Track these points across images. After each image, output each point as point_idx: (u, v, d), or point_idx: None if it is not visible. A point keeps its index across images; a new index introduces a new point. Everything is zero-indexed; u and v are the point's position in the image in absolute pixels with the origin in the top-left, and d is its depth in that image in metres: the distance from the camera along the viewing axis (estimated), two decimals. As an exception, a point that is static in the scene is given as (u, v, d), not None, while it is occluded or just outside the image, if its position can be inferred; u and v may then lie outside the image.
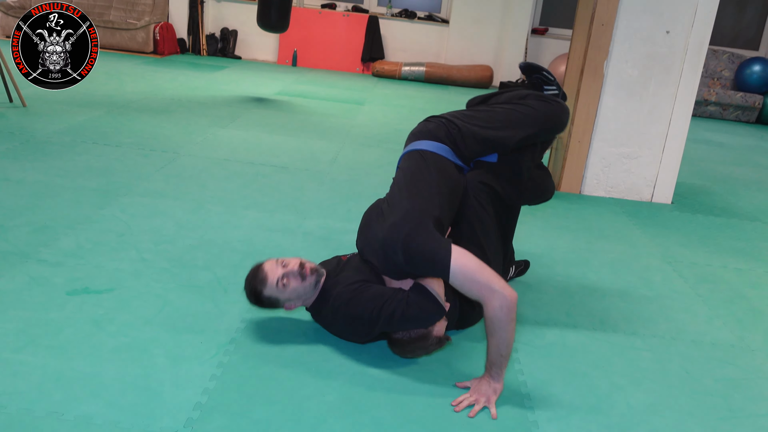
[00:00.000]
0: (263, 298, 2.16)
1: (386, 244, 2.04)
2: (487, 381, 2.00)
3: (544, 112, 2.40)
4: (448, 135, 2.33)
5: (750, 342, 2.56)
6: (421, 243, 1.99)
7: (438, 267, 1.97)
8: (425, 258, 1.98)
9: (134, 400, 1.81)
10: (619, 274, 3.08)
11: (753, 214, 4.32)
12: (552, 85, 2.59)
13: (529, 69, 2.65)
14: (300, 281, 2.14)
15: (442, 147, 2.31)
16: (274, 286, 2.13)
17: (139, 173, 3.77)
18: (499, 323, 1.92)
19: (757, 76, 8.49)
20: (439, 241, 2.00)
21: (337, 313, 2.14)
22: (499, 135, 2.33)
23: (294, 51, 9.28)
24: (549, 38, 9.46)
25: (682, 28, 4.01)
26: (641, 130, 4.19)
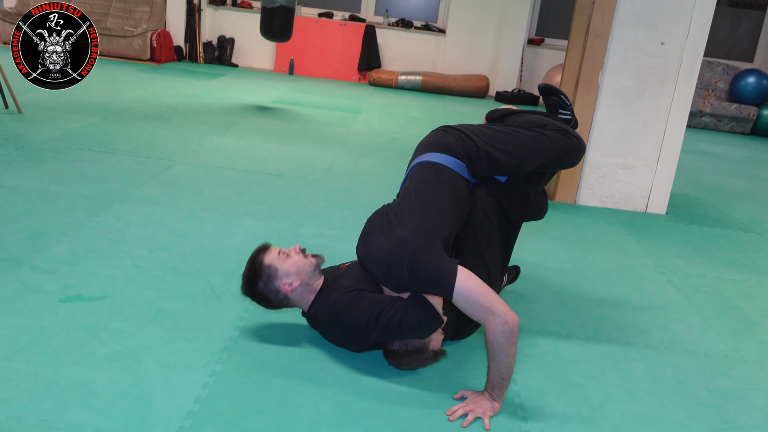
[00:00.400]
0: (263, 267, 2.13)
1: (392, 257, 2.02)
2: (488, 398, 1.99)
3: (563, 146, 2.39)
4: (465, 151, 2.32)
5: (743, 353, 2.56)
6: (428, 261, 1.98)
7: (442, 287, 1.96)
8: (430, 277, 1.98)
9: (125, 409, 1.80)
10: (614, 284, 3.09)
11: (747, 225, 4.33)
12: (567, 110, 2.62)
13: (547, 91, 2.66)
14: (302, 256, 2.18)
15: (458, 163, 2.30)
16: (275, 254, 2.16)
17: (133, 180, 3.76)
18: (501, 347, 1.92)
19: (752, 88, 8.54)
20: (445, 261, 1.99)
21: (335, 319, 2.14)
22: (515, 162, 2.33)
23: (291, 59, 9.31)
24: (545, 49, 9.51)
25: (677, 40, 4.03)
26: (636, 141, 4.21)
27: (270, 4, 6.45)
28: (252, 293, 2.19)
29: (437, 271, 1.97)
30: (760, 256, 3.75)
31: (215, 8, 9.33)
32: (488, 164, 2.33)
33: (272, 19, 6.50)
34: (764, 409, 2.18)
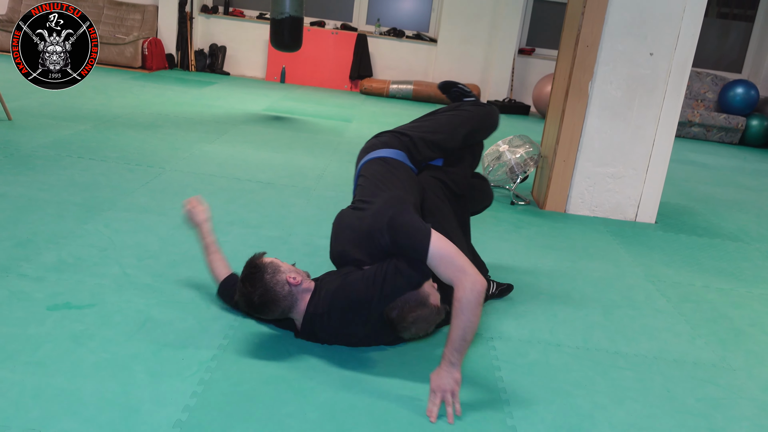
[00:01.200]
0: (265, 263, 2.18)
1: (373, 228, 2.17)
2: (447, 371, 2.01)
3: (479, 112, 2.81)
4: (401, 144, 2.60)
5: (732, 361, 2.57)
6: (405, 222, 2.15)
7: (418, 247, 2.08)
8: (408, 237, 2.12)
9: (113, 418, 1.79)
10: (603, 293, 3.10)
11: (735, 235, 4.36)
12: (470, 96, 2.99)
13: (447, 86, 3.06)
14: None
15: (399, 153, 2.58)
16: (274, 258, 2.26)
17: (123, 188, 3.75)
18: (468, 305, 1.99)
19: (740, 98, 8.62)
20: (420, 223, 2.17)
21: (335, 304, 2.17)
22: (445, 136, 2.67)
23: (282, 68, 9.32)
24: (536, 58, 9.56)
25: (666, 51, 4.07)
26: (625, 151, 4.23)
27: (279, 15, 6.46)
28: (257, 289, 2.14)
29: (415, 231, 2.12)
30: (749, 265, 3.77)
31: (207, 16, 9.34)
32: (424, 147, 2.62)
33: (282, 30, 6.52)
34: (752, 417, 2.19)
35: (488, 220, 4.01)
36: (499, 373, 2.27)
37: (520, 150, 4.48)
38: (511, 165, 4.44)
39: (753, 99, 8.61)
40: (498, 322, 2.66)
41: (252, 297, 2.17)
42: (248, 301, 2.19)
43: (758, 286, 3.43)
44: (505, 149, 4.52)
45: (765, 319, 3.02)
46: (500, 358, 2.37)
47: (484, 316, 2.69)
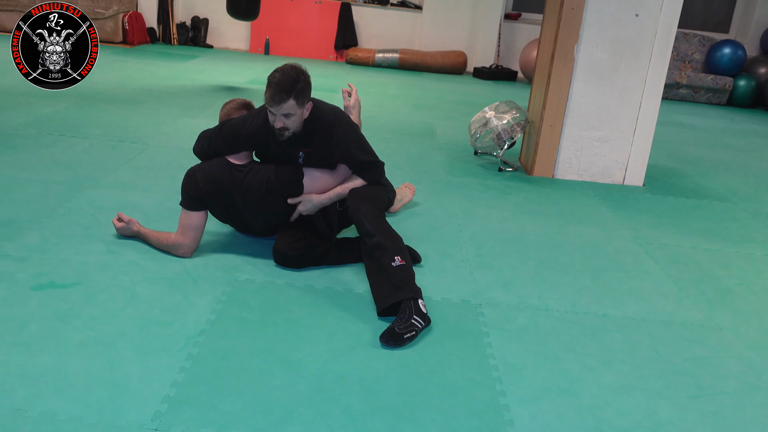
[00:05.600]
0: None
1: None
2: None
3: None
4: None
5: (719, 321, 2.59)
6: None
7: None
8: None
9: (100, 395, 1.78)
10: (591, 257, 3.10)
11: (723, 195, 4.37)
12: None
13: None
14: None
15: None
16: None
17: (106, 165, 3.70)
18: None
19: (727, 59, 8.58)
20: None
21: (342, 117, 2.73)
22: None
23: (266, 39, 9.19)
24: (522, 23, 9.47)
25: (651, 12, 4.03)
26: (612, 114, 4.21)
27: None
28: (301, 75, 2.51)
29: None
30: (736, 225, 3.78)
31: (188, -12, 9.17)
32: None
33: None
34: (738, 375, 2.21)
35: (476, 187, 4.00)
36: (488, 339, 2.27)
37: (506, 116, 4.45)
38: (498, 131, 4.41)
39: (740, 59, 8.58)
40: (486, 288, 2.66)
41: (294, 76, 2.49)
42: (281, 78, 2.49)
43: (745, 246, 3.45)
44: (491, 116, 4.48)
45: (752, 278, 3.03)
46: (489, 324, 2.37)
47: (471, 283, 2.69)
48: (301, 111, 2.54)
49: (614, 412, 1.94)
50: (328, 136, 2.64)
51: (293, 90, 2.47)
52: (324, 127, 2.64)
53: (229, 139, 2.68)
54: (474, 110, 5.98)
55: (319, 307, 2.38)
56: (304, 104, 2.54)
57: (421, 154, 4.65)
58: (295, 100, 2.48)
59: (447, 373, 2.05)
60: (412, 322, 2.21)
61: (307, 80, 2.54)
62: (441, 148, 4.89)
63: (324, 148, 2.66)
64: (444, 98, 7.11)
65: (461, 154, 4.76)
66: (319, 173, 2.69)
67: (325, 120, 2.65)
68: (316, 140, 2.65)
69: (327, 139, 2.64)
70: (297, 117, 2.54)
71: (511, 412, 1.89)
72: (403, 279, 2.32)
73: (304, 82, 2.52)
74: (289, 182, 2.65)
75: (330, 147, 2.65)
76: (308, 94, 2.55)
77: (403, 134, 5.17)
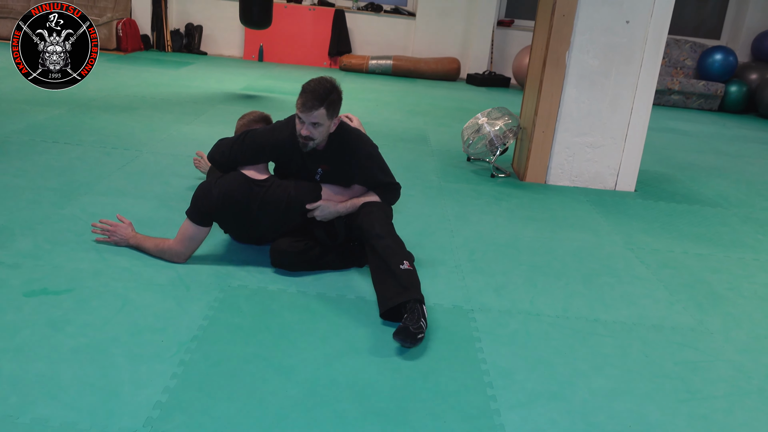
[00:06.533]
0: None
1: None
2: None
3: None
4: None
5: (709, 325, 2.60)
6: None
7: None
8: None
9: (92, 401, 1.79)
10: (583, 262, 3.12)
11: (714, 200, 4.40)
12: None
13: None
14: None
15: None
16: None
17: (100, 172, 3.71)
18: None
19: (719, 65, 8.64)
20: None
21: (367, 142, 2.80)
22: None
23: (260, 46, 9.21)
24: (515, 30, 9.51)
25: (642, 18, 4.06)
26: (604, 120, 4.24)
27: None
28: (335, 88, 2.57)
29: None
30: (727, 230, 3.81)
31: (182, -5, 9.19)
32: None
33: (251, 7, 6.45)
34: (729, 379, 2.22)
35: (469, 193, 4.01)
36: (480, 344, 2.28)
37: (499, 122, 4.47)
38: (491, 137, 4.43)
39: (731, 65, 8.64)
40: (478, 293, 2.67)
41: (328, 88, 2.55)
42: (316, 86, 2.55)
43: (736, 251, 3.47)
44: (484, 122, 4.50)
45: (742, 283, 3.05)
46: (480, 330, 2.38)
47: (463, 288, 2.71)
48: (328, 123, 2.60)
49: (605, 416, 1.95)
50: (350, 155, 2.69)
51: (326, 100, 2.53)
52: (348, 146, 2.70)
53: (253, 148, 2.71)
54: (467, 116, 6.00)
55: (312, 313, 2.39)
56: (333, 117, 2.60)
57: (414, 160, 4.67)
58: (326, 110, 2.54)
59: (439, 377, 2.06)
60: (421, 324, 2.22)
61: (339, 94, 2.61)
62: (434, 154, 4.91)
63: (345, 166, 2.72)
64: (437, 104, 7.14)
65: (454, 160, 4.78)
66: (334, 188, 2.73)
67: (349, 138, 2.71)
68: (339, 158, 2.69)
69: (349, 158, 2.69)
70: (324, 128, 2.59)
71: (502, 416, 1.90)
72: (411, 282, 2.36)
73: (336, 95, 2.59)
74: (308, 192, 2.68)
75: (351, 166, 2.71)
76: (338, 108, 2.62)
77: (397, 140, 5.19)
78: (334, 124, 2.65)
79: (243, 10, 6.51)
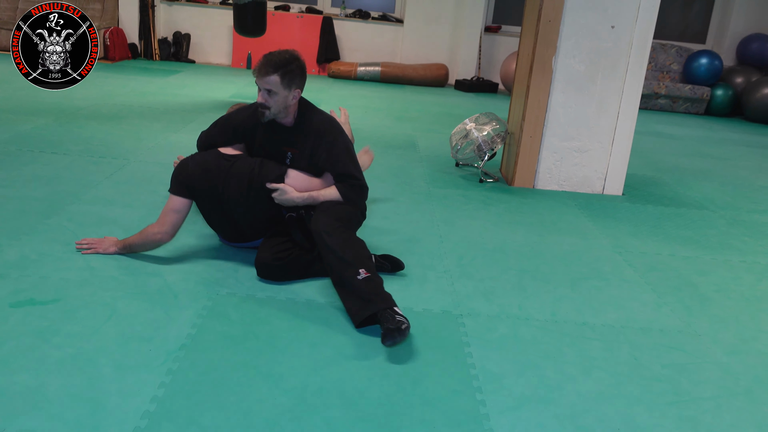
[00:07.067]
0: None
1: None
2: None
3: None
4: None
5: (697, 327, 2.62)
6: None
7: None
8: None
9: (79, 412, 1.77)
10: (571, 266, 3.13)
11: (701, 203, 4.43)
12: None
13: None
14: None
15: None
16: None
17: (87, 181, 3.69)
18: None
19: (705, 69, 8.70)
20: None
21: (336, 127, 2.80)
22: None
23: (248, 53, 9.21)
24: (502, 36, 9.56)
25: (627, 23, 4.09)
26: (590, 124, 4.26)
27: (241, 0, 6.38)
28: (295, 60, 2.59)
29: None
30: (714, 232, 3.83)
31: (169, 4, 9.18)
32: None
33: (245, 15, 6.46)
34: (716, 381, 2.23)
35: (458, 198, 4.02)
36: (469, 349, 2.28)
37: (486, 127, 4.49)
38: (479, 143, 4.44)
39: (717, 69, 8.71)
40: (467, 298, 2.67)
41: (287, 57, 2.57)
42: (274, 54, 2.58)
43: (723, 253, 3.49)
44: (471, 127, 4.52)
45: (729, 285, 3.07)
46: (469, 334, 2.38)
47: (452, 293, 2.71)
48: (285, 93, 2.60)
49: (593, 419, 1.96)
50: (318, 139, 2.69)
51: (281, 68, 2.55)
52: (316, 129, 2.71)
53: (222, 129, 2.81)
54: (455, 122, 6.02)
55: (301, 320, 2.39)
56: (290, 88, 2.60)
57: (403, 165, 4.67)
58: (280, 78, 2.56)
59: (428, 383, 2.06)
60: (399, 320, 2.21)
61: (300, 66, 2.62)
62: (423, 159, 4.92)
63: (312, 151, 2.71)
64: (426, 110, 7.15)
65: (443, 166, 4.79)
66: (302, 175, 2.72)
67: (318, 122, 2.72)
68: (306, 140, 2.69)
69: (317, 141, 2.69)
70: (280, 98, 2.60)
71: (491, 421, 1.90)
72: (371, 291, 2.32)
73: (297, 66, 2.60)
74: (272, 171, 2.69)
75: (318, 152, 2.70)
76: (298, 80, 2.62)
77: (385, 146, 5.20)
78: (294, 97, 2.64)
79: (237, 19, 6.51)
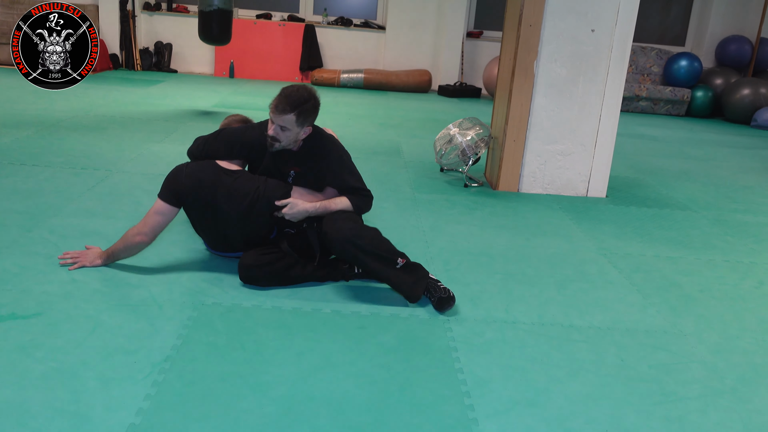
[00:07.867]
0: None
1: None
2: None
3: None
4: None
5: (682, 327, 2.63)
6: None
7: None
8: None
9: (62, 427, 1.75)
10: (556, 269, 3.14)
11: (684, 204, 4.46)
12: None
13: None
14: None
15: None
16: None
17: (69, 193, 3.66)
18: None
19: (685, 71, 8.80)
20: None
21: (339, 147, 2.85)
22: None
23: (231, 62, 9.19)
24: (484, 41, 9.61)
25: (606, 27, 4.12)
26: (573, 127, 4.29)
27: (207, 8, 6.37)
28: (312, 98, 2.63)
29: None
30: (697, 232, 3.86)
31: (150, 14, 9.15)
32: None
33: (210, 23, 6.43)
34: (702, 380, 2.25)
35: (443, 203, 4.03)
36: (456, 354, 2.28)
37: (470, 132, 4.50)
38: (463, 147, 4.46)
39: (697, 71, 8.81)
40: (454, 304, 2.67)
41: (304, 94, 2.61)
42: (293, 91, 2.61)
43: (706, 253, 3.52)
44: (455, 132, 4.53)
45: (713, 285, 3.10)
46: (457, 339, 2.38)
47: (439, 298, 2.70)
48: (297, 130, 2.65)
49: (581, 421, 1.96)
50: (321, 159, 2.74)
51: (298, 107, 2.59)
52: (319, 150, 2.75)
53: (227, 142, 2.79)
54: (439, 127, 6.04)
55: (287, 329, 2.38)
56: (303, 126, 2.65)
57: (387, 172, 4.67)
58: (295, 117, 2.60)
59: (415, 389, 2.06)
60: (445, 288, 2.60)
61: (315, 105, 2.67)
62: (407, 165, 4.93)
63: (316, 169, 2.75)
64: (409, 116, 7.17)
65: (427, 172, 4.79)
66: (307, 191, 2.75)
67: (321, 143, 2.76)
68: (310, 160, 2.74)
69: (320, 160, 2.74)
70: (291, 134, 2.65)
71: (479, 425, 1.90)
72: (413, 270, 2.61)
73: (312, 106, 2.64)
74: (278, 189, 2.69)
75: (321, 170, 2.74)
76: (312, 119, 2.68)
77: (370, 153, 5.20)
78: (305, 133, 2.70)
79: (202, 27, 6.49)
